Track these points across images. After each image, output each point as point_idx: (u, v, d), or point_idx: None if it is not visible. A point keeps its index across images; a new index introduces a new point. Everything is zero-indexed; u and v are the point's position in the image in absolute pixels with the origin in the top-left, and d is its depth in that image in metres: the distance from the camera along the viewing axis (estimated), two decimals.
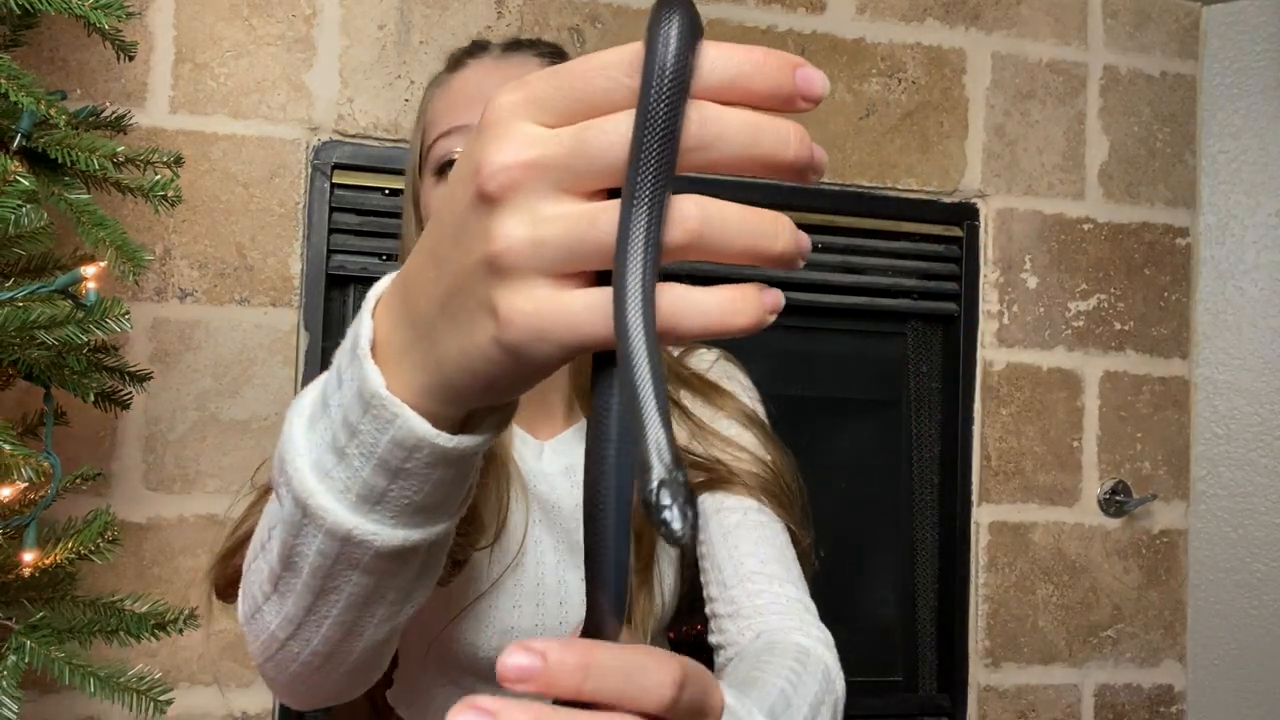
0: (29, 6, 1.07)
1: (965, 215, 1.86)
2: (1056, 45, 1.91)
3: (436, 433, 0.41)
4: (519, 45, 0.95)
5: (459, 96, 0.91)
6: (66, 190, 1.16)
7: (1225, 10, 1.96)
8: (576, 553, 0.90)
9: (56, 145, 1.14)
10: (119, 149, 1.17)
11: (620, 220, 0.33)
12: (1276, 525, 1.90)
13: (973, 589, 1.84)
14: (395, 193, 1.62)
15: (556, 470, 0.93)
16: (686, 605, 0.97)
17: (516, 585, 0.89)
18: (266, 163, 1.59)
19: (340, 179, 1.62)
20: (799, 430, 0.97)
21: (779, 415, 1.01)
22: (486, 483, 0.85)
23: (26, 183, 1.05)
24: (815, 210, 1.80)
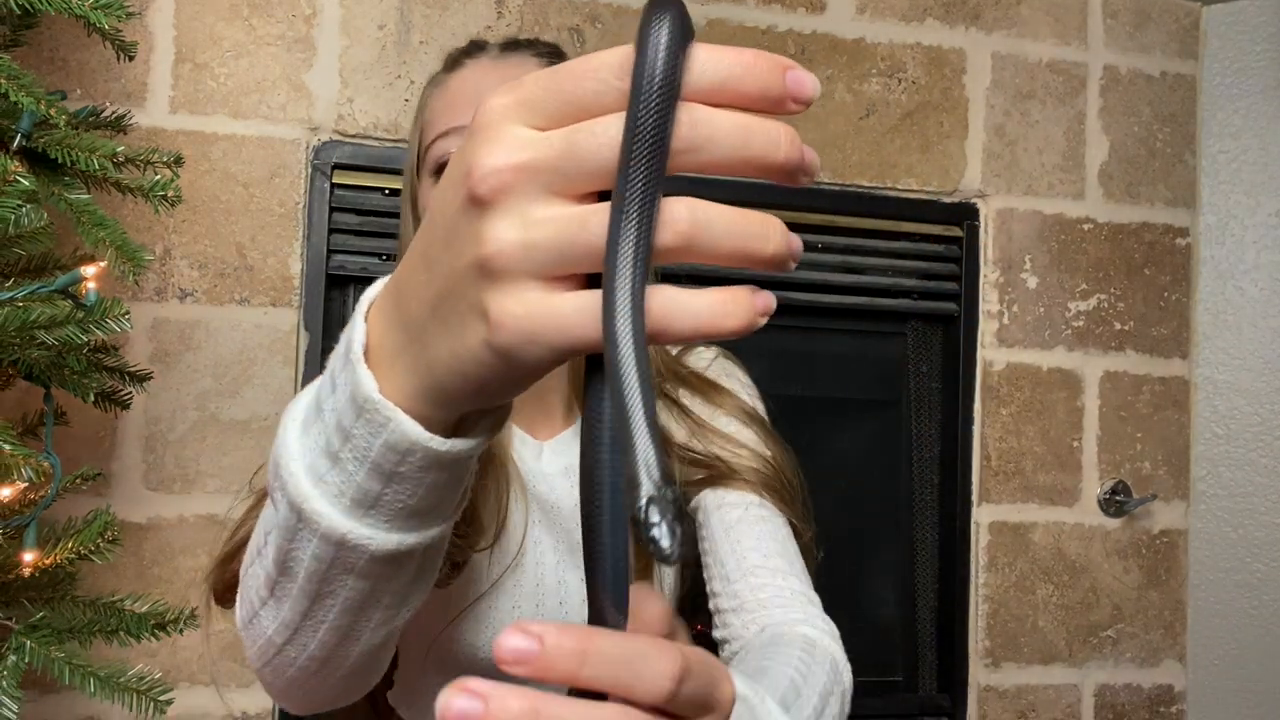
0: (29, 6, 1.07)
1: (965, 215, 1.86)
2: (1056, 45, 1.91)
3: (430, 436, 0.41)
4: (517, 45, 0.95)
5: (457, 97, 0.91)
6: (66, 190, 1.16)
7: (1225, 10, 1.96)
8: (576, 553, 0.90)
9: (56, 145, 1.14)
10: (119, 149, 1.17)
11: (610, 223, 0.33)
12: (1276, 525, 1.90)
13: (973, 589, 1.84)
14: (395, 193, 1.62)
15: (556, 470, 0.93)
16: (689, 604, 0.97)
17: (516, 586, 0.89)
18: (266, 163, 1.59)
19: (340, 179, 1.62)
20: (799, 430, 0.97)
21: (779, 415, 1.01)
22: (485, 484, 0.85)
23: (26, 183, 1.05)
24: (815, 210, 1.80)
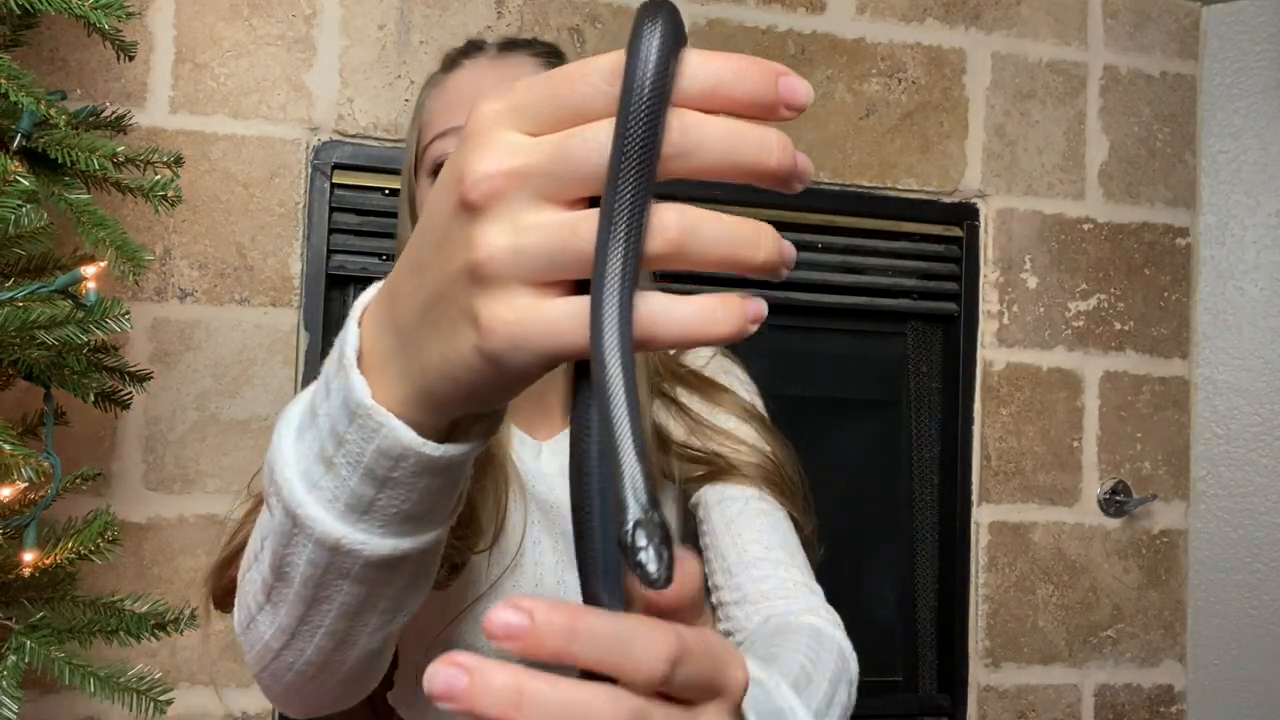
0: (29, 6, 1.07)
1: (965, 215, 1.86)
2: (1056, 45, 1.91)
3: (422, 441, 0.41)
4: (515, 45, 0.95)
5: (454, 97, 0.91)
6: (66, 190, 1.16)
7: (1225, 10, 1.96)
8: None
9: (56, 145, 1.14)
10: (119, 149, 1.17)
11: (599, 229, 0.33)
12: (1276, 525, 1.90)
13: (973, 589, 1.84)
14: (395, 193, 1.62)
15: (555, 470, 0.93)
16: None
17: (515, 587, 0.89)
18: (266, 163, 1.59)
19: (340, 179, 1.62)
20: (799, 430, 0.97)
21: (779, 415, 1.01)
22: (484, 484, 0.85)
23: (26, 183, 1.05)
24: (815, 210, 1.80)
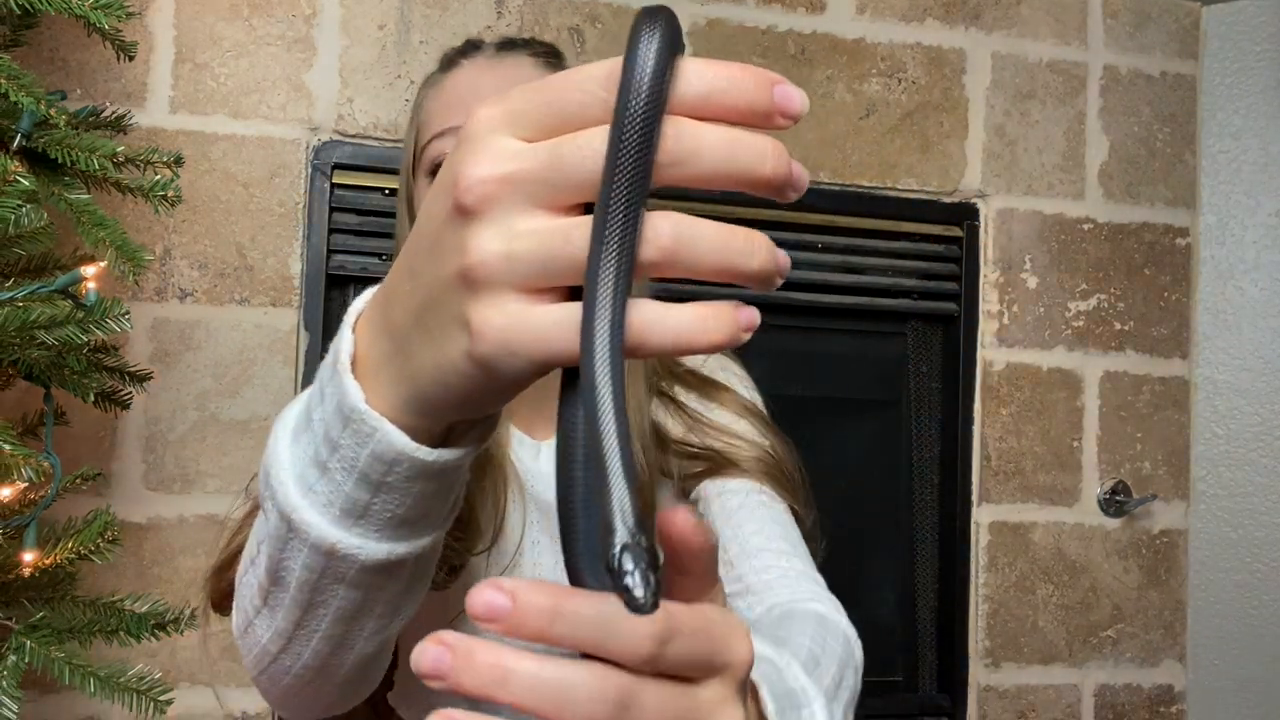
0: (29, 6, 1.07)
1: (965, 215, 1.86)
2: (1056, 45, 1.91)
3: (416, 446, 0.41)
4: (513, 45, 0.94)
5: (453, 97, 0.90)
6: (66, 190, 1.16)
7: (1225, 10, 1.96)
8: None
9: (56, 145, 1.14)
10: (119, 149, 1.17)
11: (593, 236, 0.33)
12: (1276, 525, 1.90)
13: (973, 589, 1.84)
14: (395, 193, 1.61)
15: (554, 471, 0.92)
16: None
17: None
18: (266, 163, 1.59)
19: (340, 179, 1.62)
20: (799, 430, 0.97)
21: (779, 415, 1.00)
22: (483, 485, 0.85)
23: (26, 183, 1.05)
24: (815, 210, 1.80)
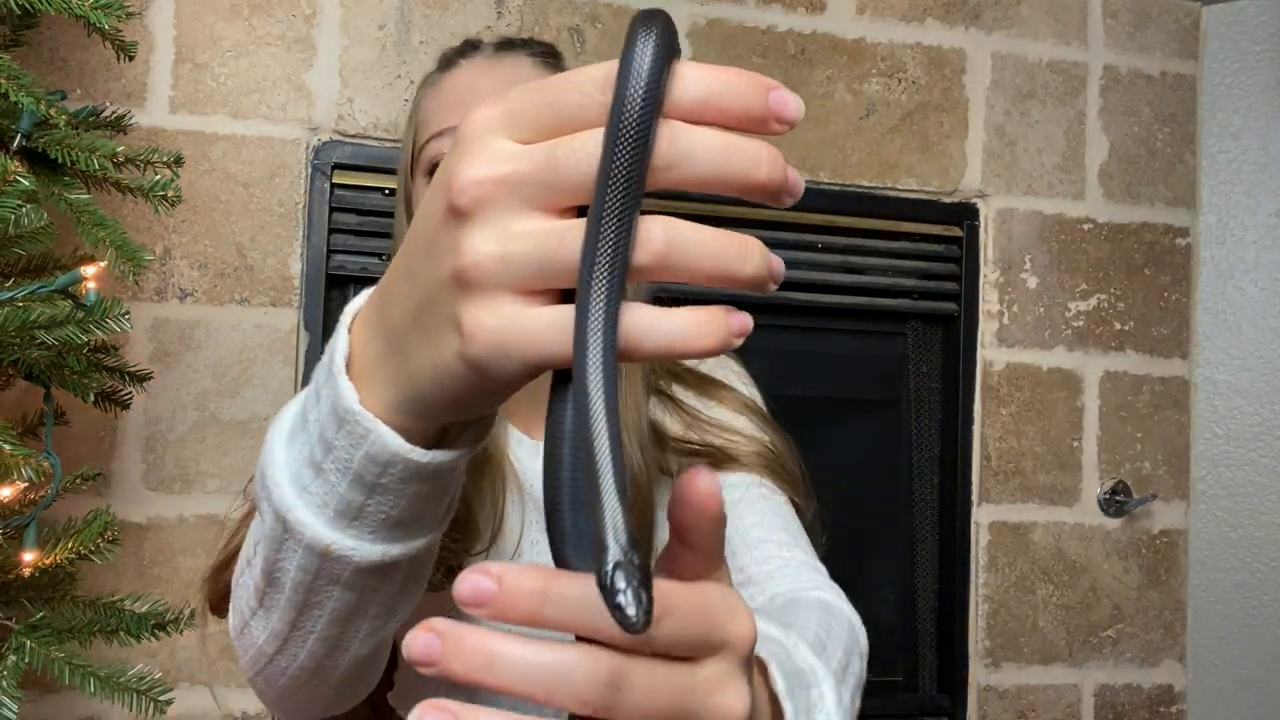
0: (29, 6, 1.07)
1: (965, 215, 1.86)
2: (1056, 45, 1.91)
3: (410, 448, 0.41)
4: (511, 45, 0.94)
5: (451, 97, 0.90)
6: (66, 190, 1.16)
7: (1225, 10, 1.96)
8: None
9: (56, 145, 1.14)
10: (119, 149, 1.17)
11: (586, 239, 0.32)
12: (1276, 525, 1.90)
13: (973, 589, 1.84)
14: (395, 193, 1.62)
15: None
16: None
17: None
18: (266, 163, 1.59)
19: (340, 179, 1.62)
20: (799, 430, 0.97)
21: (779, 415, 1.00)
22: (482, 485, 0.85)
23: (26, 183, 1.05)
24: (815, 210, 1.80)
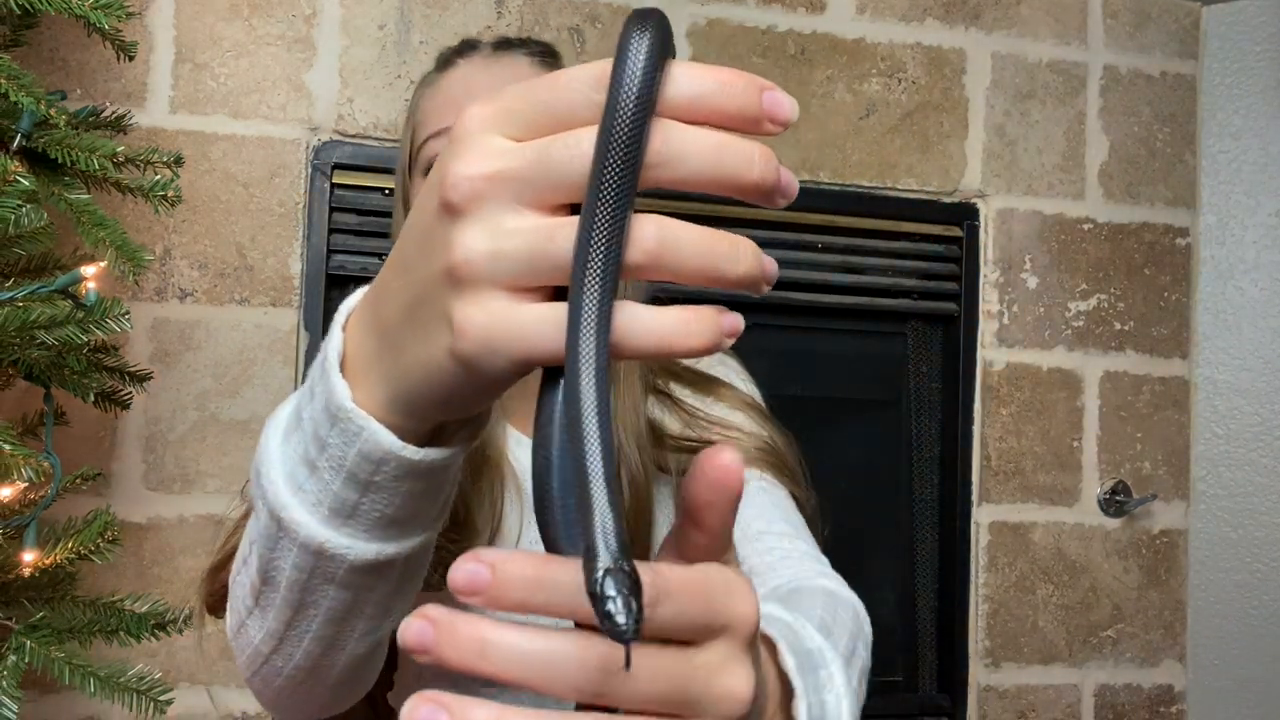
0: (29, 6, 1.07)
1: (965, 215, 1.86)
2: (1056, 45, 1.91)
3: (403, 445, 0.41)
4: (509, 44, 0.94)
5: (448, 96, 0.90)
6: (66, 190, 1.16)
7: (1225, 10, 1.96)
8: None
9: (56, 145, 1.14)
10: (119, 149, 1.17)
11: (579, 237, 0.32)
12: (1276, 525, 1.90)
13: (973, 589, 1.84)
14: (394, 193, 1.62)
15: None
16: None
17: None
18: (266, 163, 1.59)
19: (340, 179, 1.62)
20: (799, 430, 0.97)
21: (779, 415, 1.00)
22: (480, 485, 0.84)
23: (26, 183, 1.05)
24: (815, 210, 1.80)
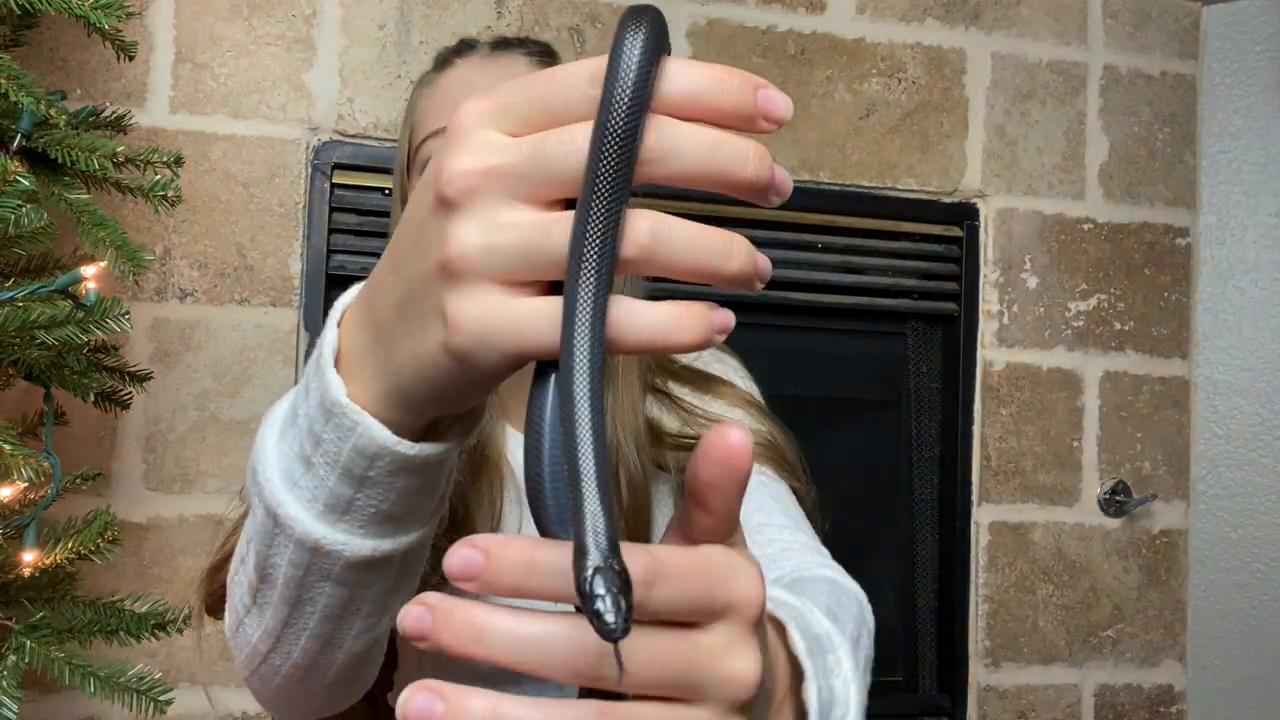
0: (29, 6, 1.07)
1: (965, 215, 1.86)
2: (1056, 45, 1.91)
3: (397, 440, 0.41)
4: (507, 44, 0.94)
5: (446, 96, 0.90)
6: (66, 190, 1.16)
7: (1225, 10, 1.96)
8: None
9: (56, 145, 1.14)
10: (119, 149, 1.17)
11: (574, 232, 0.33)
12: (1276, 525, 1.90)
13: (973, 589, 1.84)
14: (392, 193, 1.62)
15: None
16: None
17: None
18: (266, 163, 1.59)
19: (340, 179, 1.62)
20: (799, 430, 0.97)
21: (778, 414, 1.00)
22: (479, 486, 0.84)
23: (26, 183, 1.05)
24: (815, 210, 1.80)
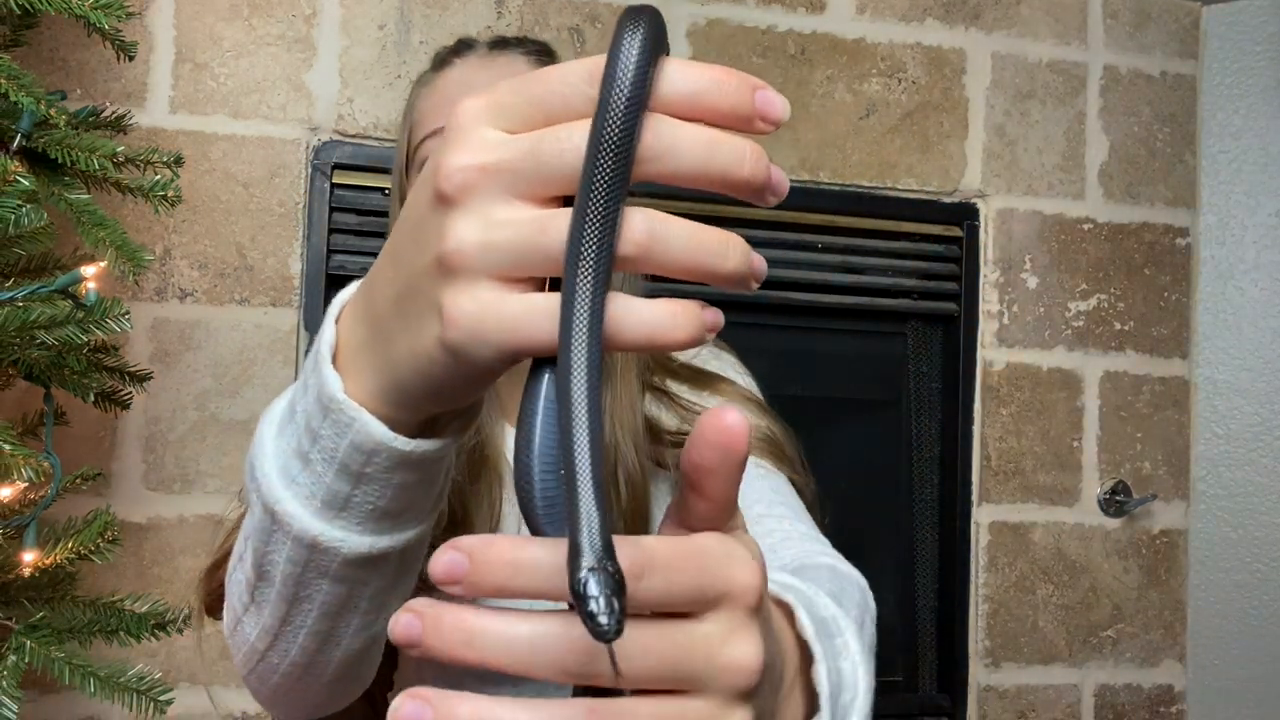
0: (29, 6, 1.07)
1: (965, 215, 1.86)
2: (1056, 45, 1.91)
3: (394, 436, 0.42)
4: (505, 44, 0.94)
5: (445, 96, 0.90)
6: (66, 190, 1.16)
7: (1225, 10, 1.96)
8: None
9: (56, 145, 1.14)
10: (119, 149, 1.17)
11: (571, 230, 0.33)
12: (1276, 525, 1.90)
13: (973, 589, 1.84)
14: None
15: None
16: None
17: None
18: (266, 163, 1.59)
19: (340, 179, 1.62)
20: (799, 430, 0.97)
21: (778, 413, 1.00)
22: (479, 486, 0.84)
23: (26, 183, 1.05)
24: (815, 210, 1.80)
